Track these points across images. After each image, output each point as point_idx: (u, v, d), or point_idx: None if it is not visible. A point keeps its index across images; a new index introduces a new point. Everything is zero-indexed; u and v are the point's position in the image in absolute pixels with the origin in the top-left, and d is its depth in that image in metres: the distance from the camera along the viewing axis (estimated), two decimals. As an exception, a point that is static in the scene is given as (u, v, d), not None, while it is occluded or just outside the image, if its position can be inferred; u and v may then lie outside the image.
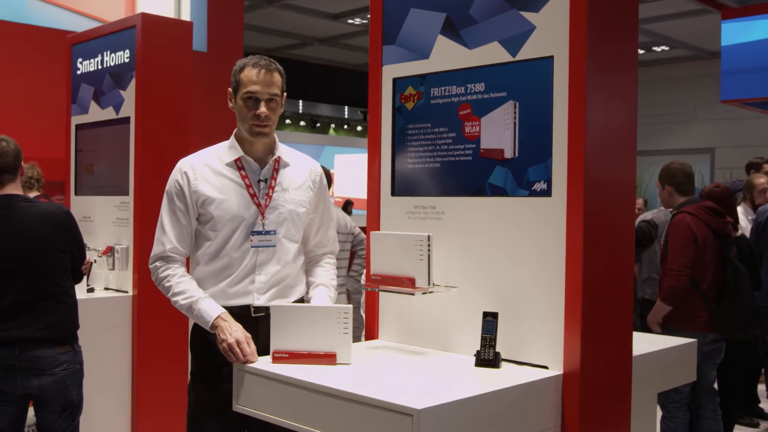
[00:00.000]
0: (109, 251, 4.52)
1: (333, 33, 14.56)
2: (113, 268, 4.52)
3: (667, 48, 15.09)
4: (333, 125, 19.77)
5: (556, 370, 2.37)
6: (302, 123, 18.87)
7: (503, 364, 2.44)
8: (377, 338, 2.88)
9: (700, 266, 4.32)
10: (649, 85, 15.90)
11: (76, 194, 5.02)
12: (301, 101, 18.37)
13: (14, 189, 3.36)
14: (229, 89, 2.76)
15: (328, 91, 17.69)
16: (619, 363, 2.53)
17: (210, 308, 2.61)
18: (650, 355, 2.87)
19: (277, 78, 2.73)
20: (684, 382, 3.38)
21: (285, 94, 2.80)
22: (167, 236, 2.73)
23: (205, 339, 2.68)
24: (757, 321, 4.65)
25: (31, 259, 3.27)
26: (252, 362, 2.47)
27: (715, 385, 4.62)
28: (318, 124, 19.28)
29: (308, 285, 2.90)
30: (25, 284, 3.25)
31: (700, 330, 4.25)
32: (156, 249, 2.74)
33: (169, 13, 7.44)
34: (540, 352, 2.42)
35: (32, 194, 5.38)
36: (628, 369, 2.56)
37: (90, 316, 4.15)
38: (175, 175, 2.76)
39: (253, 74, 2.69)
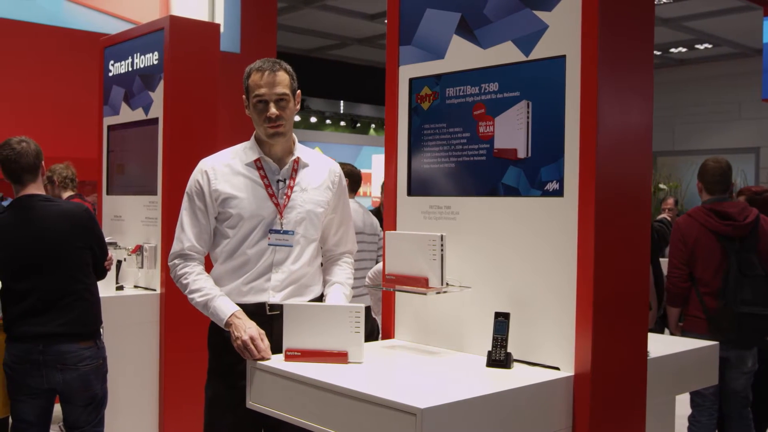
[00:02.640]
0: (138, 250, 4.60)
1: (370, 33, 14.60)
2: (142, 267, 4.60)
3: (710, 46, 14.84)
4: (373, 125, 19.77)
5: (567, 371, 2.34)
6: (342, 123, 18.91)
7: (515, 364, 2.43)
8: (393, 337, 2.89)
9: (696, 267, 4.24)
10: (691, 83, 15.65)
11: (107, 194, 5.11)
12: (342, 101, 18.42)
13: (35, 189, 3.44)
14: (243, 96, 2.79)
15: (368, 91, 17.67)
16: (633, 365, 2.49)
17: (225, 306, 2.65)
18: (666, 358, 2.83)
19: (283, 77, 2.73)
20: (703, 386, 3.32)
21: (299, 91, 2.81)
22: (186, 235, 2.77)
23: (220, 336, 2.72)
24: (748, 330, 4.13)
25: (53, 256, 3.34)
26: (266, 359, 2.49)
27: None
28: (358, 124, 19.30)
29: (325, 283, 2.92)
30: (47, 281, 3.32)
31: (700, 332, 4.13)
32: (175, 247, 2.79)
33: (203, 14, 7.53)
34: (552, 353, 2.40)
35: (66, 194, 5.48)
36: (642, 371, 2.53)
37: (119, 313, 4.26)
38: (196, 175, 2.80)
39: (257, 78, 2.72)
